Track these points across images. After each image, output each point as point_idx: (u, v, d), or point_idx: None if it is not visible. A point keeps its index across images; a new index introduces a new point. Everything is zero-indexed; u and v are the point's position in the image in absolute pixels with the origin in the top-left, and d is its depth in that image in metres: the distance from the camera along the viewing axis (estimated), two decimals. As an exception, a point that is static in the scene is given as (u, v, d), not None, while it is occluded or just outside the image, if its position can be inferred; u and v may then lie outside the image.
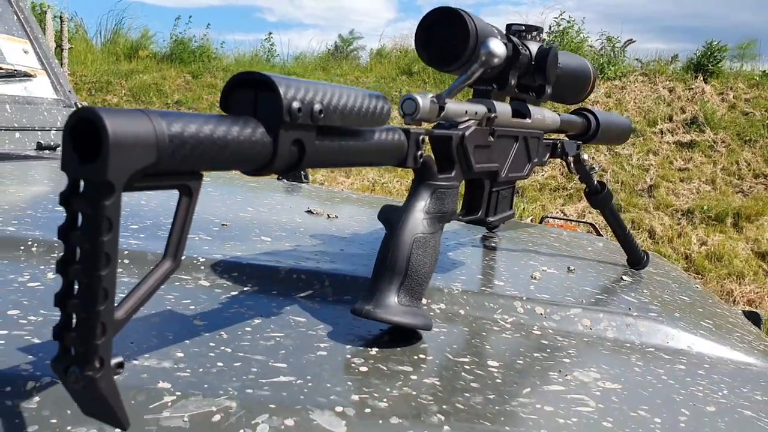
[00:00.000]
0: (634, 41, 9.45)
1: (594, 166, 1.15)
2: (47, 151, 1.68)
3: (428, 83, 8.84)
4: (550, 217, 2.38)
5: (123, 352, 0.57)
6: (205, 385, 0.53)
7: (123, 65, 9.69)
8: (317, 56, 10.60)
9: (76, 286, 0.39)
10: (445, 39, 0.72)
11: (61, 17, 7.39)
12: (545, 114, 0.98)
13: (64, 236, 0.39)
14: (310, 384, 0.56)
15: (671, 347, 0.83)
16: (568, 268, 1.14)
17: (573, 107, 1.21)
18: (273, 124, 0.46)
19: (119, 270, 0.76)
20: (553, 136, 1.13)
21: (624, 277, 1.17)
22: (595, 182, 1.15)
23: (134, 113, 0.38)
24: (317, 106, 0.48)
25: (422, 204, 0.69)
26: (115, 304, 0.41)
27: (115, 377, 0.41)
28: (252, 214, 1.22)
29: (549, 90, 0.94)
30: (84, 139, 0.37)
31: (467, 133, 0.75)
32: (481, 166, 0.79)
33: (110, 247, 0.38)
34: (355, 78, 9.52)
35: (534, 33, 0.88)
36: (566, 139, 1.13)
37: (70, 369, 0.40)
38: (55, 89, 1.91)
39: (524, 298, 0.87)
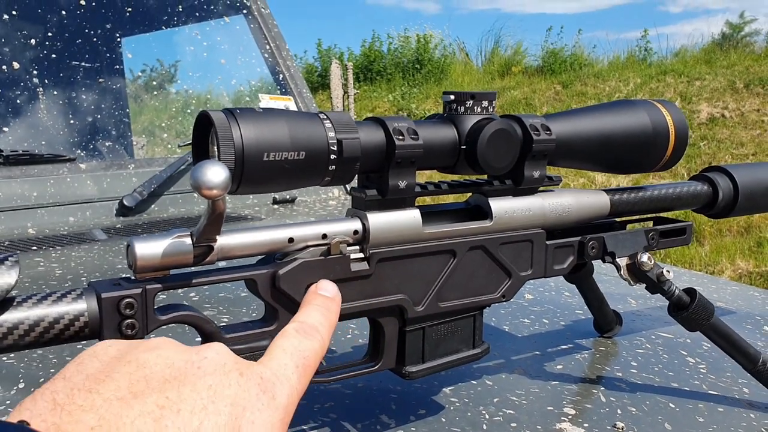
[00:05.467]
0: None
1: (666, 270, 0.70)
2: (278, 206, 1.84)
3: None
4: None
5: None
6: None
7: (496, 83, 10.13)
8: (701, 49, 9.49)
9: None
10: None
11: (345, 66, 8.38)
12: (551, 202, 0.66)
13: None
14: None
15: None
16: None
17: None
18: None
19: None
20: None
21: None
22: (676, 292, 0.72)
23: None
24: None
25: None
26: None
27: None
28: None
29: (537, 173, 0.62)
30: None
31: (282, 271, 0.53)
32: (346, 306, 0.56)
33: None
34: (745, 68, 8.24)
35: (469, 103, 0.59)
36: (621, 231, 0.74)
37: None
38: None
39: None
